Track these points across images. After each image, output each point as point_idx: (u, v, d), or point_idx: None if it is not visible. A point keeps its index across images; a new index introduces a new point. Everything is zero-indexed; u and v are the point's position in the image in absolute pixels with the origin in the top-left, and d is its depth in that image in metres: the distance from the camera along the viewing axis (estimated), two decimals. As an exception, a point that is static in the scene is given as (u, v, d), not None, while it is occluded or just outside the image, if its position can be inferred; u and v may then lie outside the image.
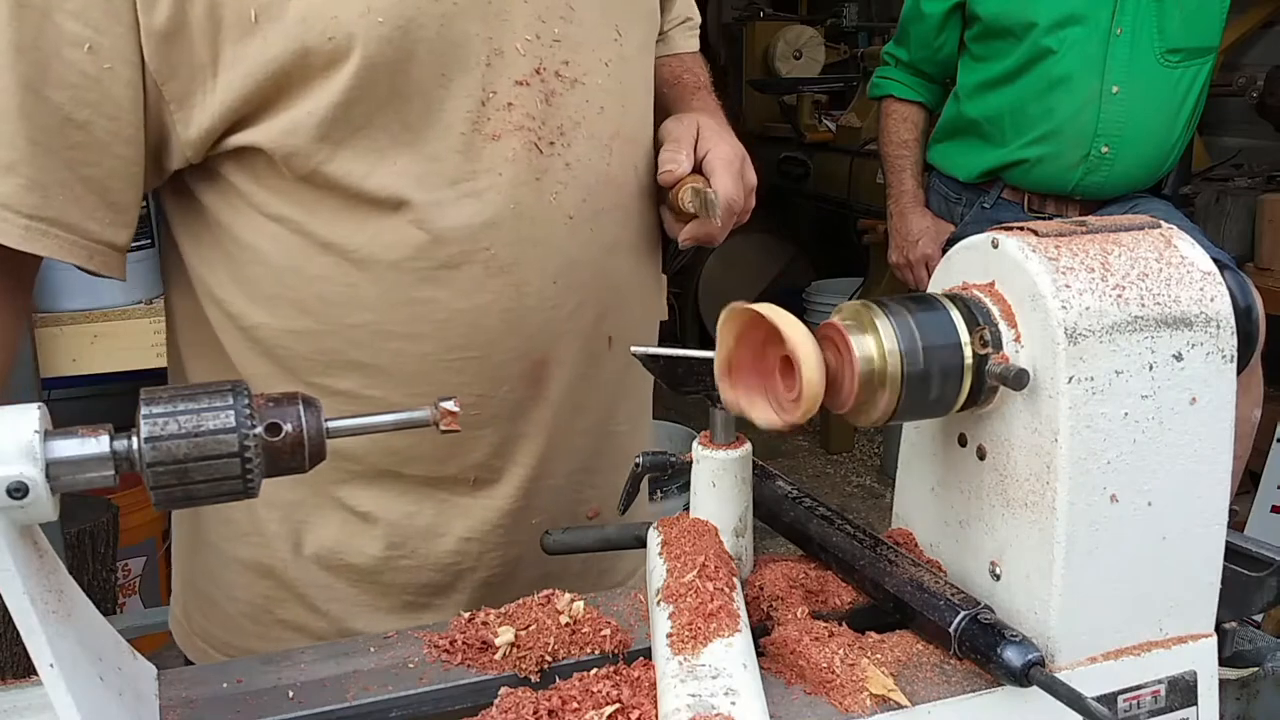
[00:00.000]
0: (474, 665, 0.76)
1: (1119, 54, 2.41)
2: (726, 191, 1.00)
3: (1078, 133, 2.45)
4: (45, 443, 0.58)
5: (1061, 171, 2.50)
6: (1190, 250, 0.78)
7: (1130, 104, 2.43)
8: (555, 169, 0.96)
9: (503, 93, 0.92)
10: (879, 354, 0.72)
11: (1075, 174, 2.49)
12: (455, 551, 1.02)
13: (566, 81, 0.96)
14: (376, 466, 0.98)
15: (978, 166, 2.62)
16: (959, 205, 2.72)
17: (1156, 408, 0.74)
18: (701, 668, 0.66)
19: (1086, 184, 2.50)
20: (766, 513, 0.90)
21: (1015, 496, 0.75)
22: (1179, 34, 2.42)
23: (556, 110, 0.96)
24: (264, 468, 0.63)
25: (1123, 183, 2.51)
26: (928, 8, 2.65)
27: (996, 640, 0.71)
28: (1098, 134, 2.44)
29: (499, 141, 0.92)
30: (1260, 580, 0.82)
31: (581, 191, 0.98)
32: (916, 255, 2.74)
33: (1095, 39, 2.42)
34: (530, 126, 0.94)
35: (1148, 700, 0.78)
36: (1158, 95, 2.45)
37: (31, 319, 2.01)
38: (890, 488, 2.73)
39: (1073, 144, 2.47)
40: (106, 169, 0.86)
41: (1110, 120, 2.44)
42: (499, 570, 1.05)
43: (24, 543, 0.60)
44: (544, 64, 0.95)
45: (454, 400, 0.67)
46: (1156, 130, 2.46)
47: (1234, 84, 3.55)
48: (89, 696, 0.61)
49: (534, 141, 0.94)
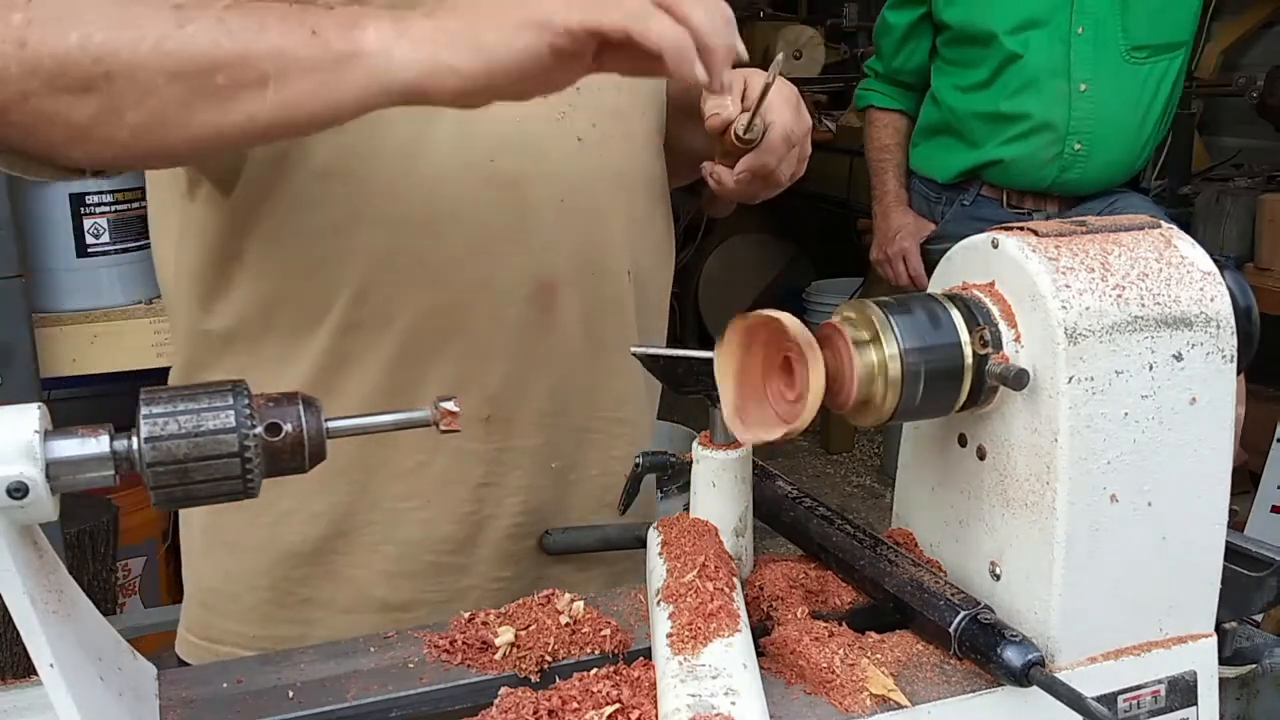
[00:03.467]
0: (474, 665, 0.76)
1: (1083, 52, 2.47)
2: (784, 121, 0.96)
3: (1050, 131, 2.51)
4: (45, 443, 0.58)
5: (1037, 169, 2.55)
6: (1190, 250, 0.78)
7: (1100, 101, 2.48)
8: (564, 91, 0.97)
9: None
10: (879, 354, 0.72)
11: (1050, 171, 2.54)
12: (472, 499, 1.01)
13: None
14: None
15: (955, 167, 2.68)
16: (939, 204, 2.79)
17: (1156, 408, 0.74)
18: (701, 668, 0.66)
19: (1063, 181, 2.55)
20: (766, 513, 0.90)
21: (1015, 496, 0.75)
22: (1144, 31, 2.47)
23: None
24: (264, 468, 0.63)
25: (1099, 178, 2.56)
26: (894, 19, 2.74)
27: (996, 640, 0.71)
28: (1070, 131, 2.50)
29: None
30: (1260, 580, 0.82)
31: (590, 116, 0.99)
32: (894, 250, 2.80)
33: (1057, 39, 2.47)
34: None
35: (1148, 700, 0.78)
36: (1127, 91, 2.50)
37: (31, 318, 2.02)
38: (890, 488, 2.73)
39: (1046, 142, 2.52)
40: None
41: (1081, 117, 2.49)
42: (523, 521, 1.04)
43: (24, 543, 0.60)
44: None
45: (454, 400, 0.67)
46: (1129, 125, 2.52)
47: (1234, 84, 3.56)
48: (89, 696, 0.61)
49: None
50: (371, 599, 1.03)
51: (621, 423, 1.08)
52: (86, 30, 0.70)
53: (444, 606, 1.01)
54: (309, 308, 0.96)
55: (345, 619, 1.02)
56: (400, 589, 1.03)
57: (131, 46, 0.70)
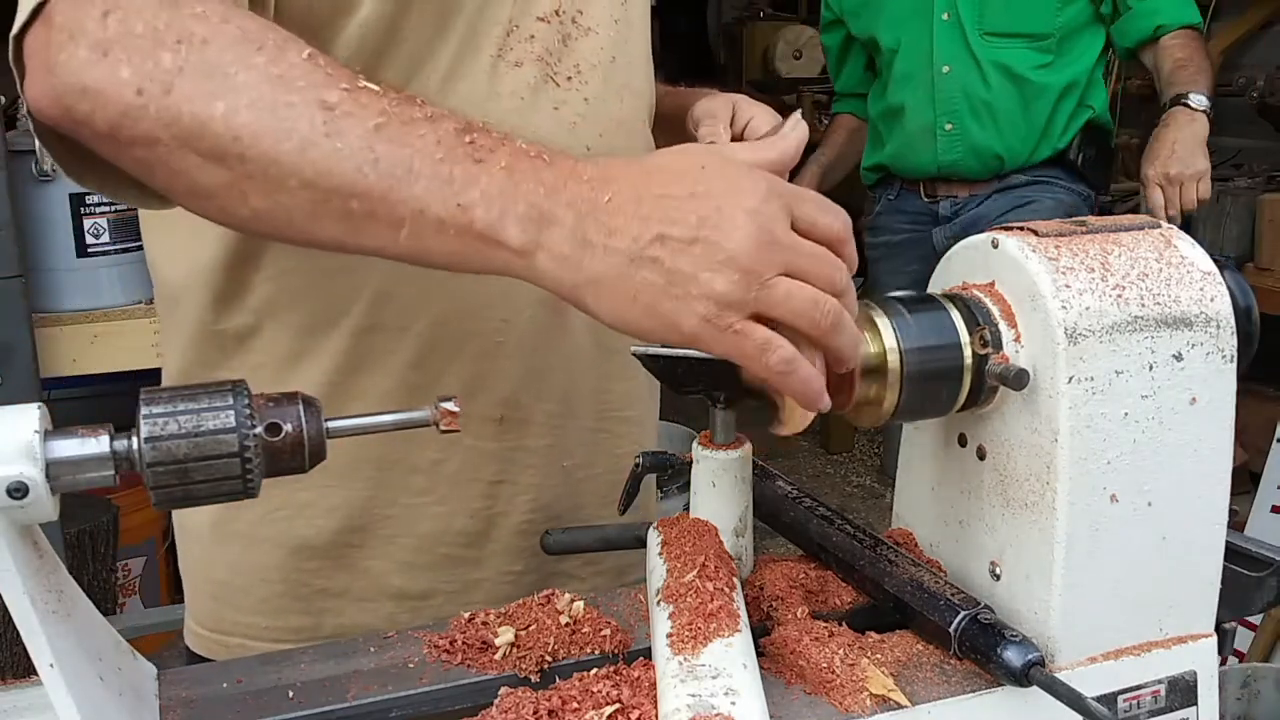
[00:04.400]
0: (474, 665, 0.76)
1: (943, 36, 2.67)
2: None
3: (921, 114, 2.71)
4: (45, 443, 0.58)
5: (921, 155, 2.75)
6: (1190, 250, 0.78)
7: (962, 81, 2.66)
8: (574, 101, 0.99)
9: (526, 26, 0.97)
10: (879, 354, 0.72)
11: (932, 154, 2.73)
12: (485, 495, 1.02)
13: (581, 28, 1.01)
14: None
15: (871, 164, 2.93)
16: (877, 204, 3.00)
17: (1156, 408, 0.74)
18: (701, 668, 0.66)
19: (948, 163, 2.73)
20: (766, 513, 0.90)
21: (1015, 496, 0.75)
22: (998, 18, 2.64)
23: (572, 51, 1.00)
24: (264, 468, 0.63)
25: (986, 157, 2.70)
26: (827, 41, 3.03)
27: (996, 640, 0.71)
28: (937, 113, 2.69)
29: (521, 69, 0.96)
30: (1260, 580, 0.82)
31: (599, 126, 1.01)
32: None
33: (925, 29, 2.68)
34: (548, 60, 0.98)
35: (1148, 700, 0.78)
36: (990, 73, 2.65)
37: (31, 318, 2.02)
38: (890, 488, 2.73)
39: (920, 128, 2.72)
40: None
41: (945, 98, 2.68)
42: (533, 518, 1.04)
43: (24, 543, 0.60)
44: (563, 7, 0.99)
45: (454, 400, 0.67)
46: (1004, 107, 2.66)
47: (1234, 84, 3.56)
48: (89, 696, 0.61)
49: (550, 74, 0.98)
50: (388, 588, 1.03)
51: (629, 422, 1.09)
52: (234, 103, 0.67)
53: (457, 596, 1.02)
54: (327, 309, 0.97)
55: (358, 608, 1.03)
56: (416, 579, 1.03)
57: (274, 139, 0.67)
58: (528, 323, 0.99)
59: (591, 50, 1.01)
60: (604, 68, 1.02)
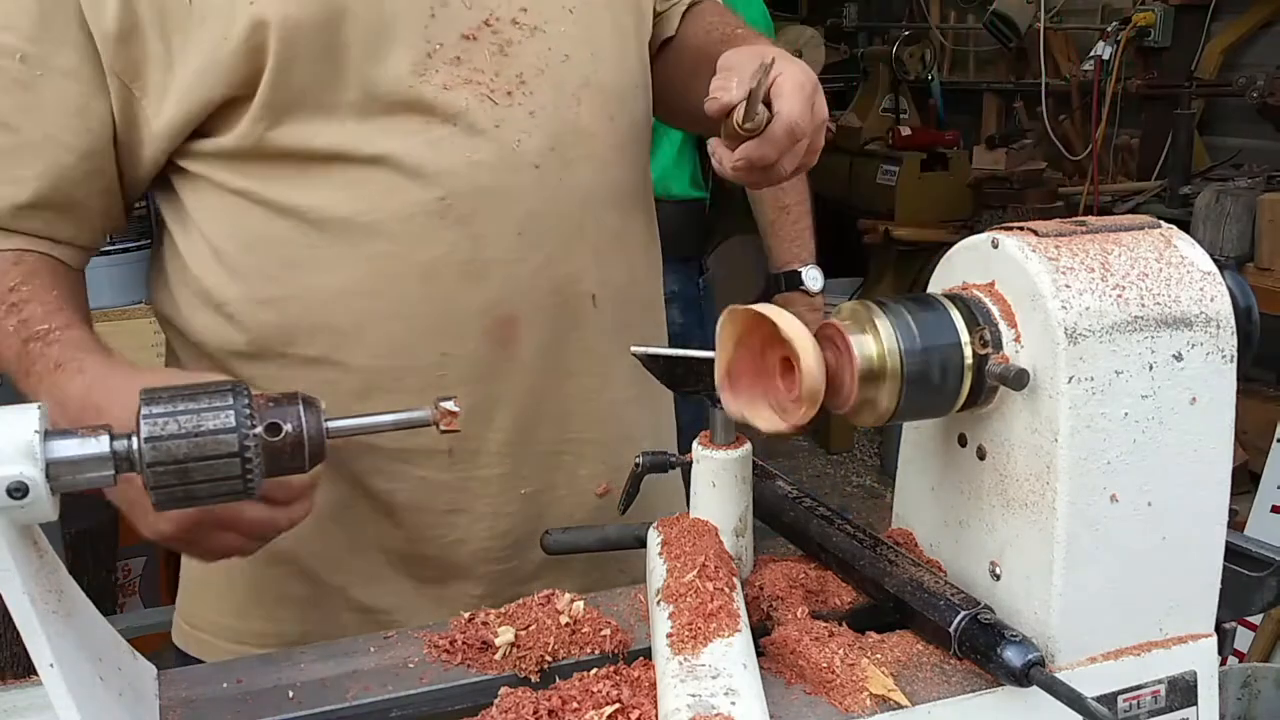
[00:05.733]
0: (474, 665, 0.76)
1: None
2: (791, 112, 0.89)
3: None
4: (45, 443, 0.58)
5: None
6: (1190, 250, 0.78)
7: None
8: (516, 118, 0.96)
9: (449, 46, 0.94)
10: (879, 354, 0.72)
11: None
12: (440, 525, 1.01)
13: (525, 29, 0.96)
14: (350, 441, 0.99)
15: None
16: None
17: (1156, 408, 0.74)
18: (701, 668, 0.66)
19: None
20: (766, 513, 0.89)
21: (1015, 496, 0.75)
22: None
23: (514, 60, 0.96)
24: (264, 468, 0.63)
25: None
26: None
27: (996, 640, 0.71)
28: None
29: (450, 92, 0.93)
30: (1260, 580, 0.82)
31: (548, 140, 0.97)
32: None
33: None
34: (481, 80, 0.94)
35: (1148, 700, 0.78)
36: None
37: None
38: (890, 488, 2.73)
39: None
40: (41, 170, 0.92)
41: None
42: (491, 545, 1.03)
43: (24, 543, 0.60)
44: (495, 14, 0.95)
45: (453, 400, 0.67)
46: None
47: (1234, 84, 3.56)
48: (89, 696, 0.61)
49: (487, 94, 0.95)
50: (350, 601, 1.03)
51: (593, 444, 1.07)
52: None
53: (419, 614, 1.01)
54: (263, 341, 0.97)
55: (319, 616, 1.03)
56: (377, 596, 1.03)
57: None
58: (472, 355, 0.97)
59: (537, 54, 0.97)
60: (554, 70, 0.97)
